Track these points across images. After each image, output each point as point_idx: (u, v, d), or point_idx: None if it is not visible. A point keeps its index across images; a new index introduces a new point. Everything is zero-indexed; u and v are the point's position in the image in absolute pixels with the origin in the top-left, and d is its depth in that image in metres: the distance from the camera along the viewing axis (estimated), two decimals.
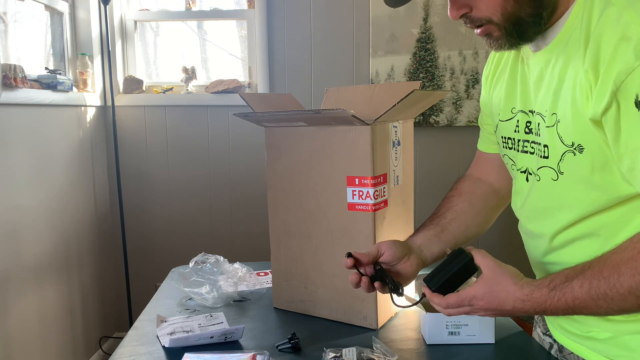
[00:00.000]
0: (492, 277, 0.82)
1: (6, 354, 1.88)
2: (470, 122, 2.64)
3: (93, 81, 2.59)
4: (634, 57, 0.68)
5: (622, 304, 0.73)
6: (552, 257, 0.91)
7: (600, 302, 0.73)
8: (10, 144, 1.94)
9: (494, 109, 1.01)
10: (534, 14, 0.79)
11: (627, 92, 0.69)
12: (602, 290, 0.73)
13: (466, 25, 0.85)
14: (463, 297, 0.83)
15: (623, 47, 0.69)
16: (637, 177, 0.72)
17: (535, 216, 0.93)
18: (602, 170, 0.78)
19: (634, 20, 0.69)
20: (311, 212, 1.16)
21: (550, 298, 0.77)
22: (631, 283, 0.71)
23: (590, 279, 0.74)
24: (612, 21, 0.72)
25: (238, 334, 1.06)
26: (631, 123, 0.70)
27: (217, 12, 2.76)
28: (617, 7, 0.72)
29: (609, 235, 0.81)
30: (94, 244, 2.58)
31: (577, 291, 0.74)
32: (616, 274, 0.72)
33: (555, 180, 0.84)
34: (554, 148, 0.82)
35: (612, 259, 0.74)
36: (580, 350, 0.92)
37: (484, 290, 0.82)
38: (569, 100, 0.78)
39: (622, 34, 0.70)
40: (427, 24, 2.58)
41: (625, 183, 0.76)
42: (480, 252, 0.85)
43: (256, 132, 2.64)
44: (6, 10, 2.08)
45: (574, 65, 0.77)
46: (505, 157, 1.00)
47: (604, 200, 0.80)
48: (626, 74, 0.69)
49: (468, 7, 0.81)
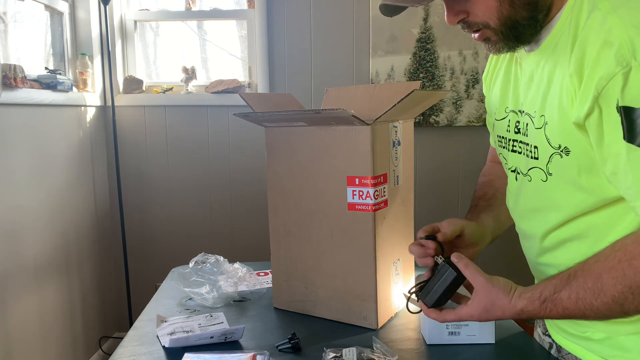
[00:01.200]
0: (485, 298, 0.83)
1: (6, 354, 1.88)
2: (470, 122, 2.64)
3: (93, 81, 2.59)
4: (615, 62, 0.68)
5: (608, 313, 0.74)
6: (545, 259, 0.92)
7: (587, 312, 0.75)
8: (10, 144, 1.94)
9: (492, 108, 1.03)
10: (529, 17, 0.79)
11: (608, 97, 0.70)
12: (588, 301, 0.74)
13: (464, 30, 0.86)
14: (460, 315, 0.86)
15: (605, 52, 0.69)
16: (620, 181, 0.73)
17: (526, 216, 0.94)
18: (588, 173, 0.78)
19: (616, 25, 0.70)
20: (311, 212, 1.15)
21: (543, 309, 0.79)
22: (614, 292, 0.72)
23: (576, 290, 0.75)
24: (596, 26, 0.72)
25: (238, 334, 1.06)
26: (613, 128, 0.70)
27: (217, 12, 2.76)
28: (602, 12, 0.72)
29: (598, 237, 0.82)
30: (94, 244, 2.58)
31: (565, 302, 0.77)
32: (599, 284, 0.73)
33: (544, 181, 0.85)
34: (543, 149, 0.83)
35: (594, 267, 0.75)
36: (577, 350, 0.93)
37: (479, 311, 0.84)
38: (556, 103, 0.78)
39: (605, 39, 0.70)
40: (427, 24, 2.58)
41: (611, 185, 0.77)
42: (469, 267, 0.86)
43: (256, 132, 2.64)
44: (6, 10, 2.08)
45: (561, 68, 0.78)
46: (500, 155, 1.02)
47: (591, 202, 0.81)
48: (607, 80, 0.69)
49: (465, 13, 0.82)
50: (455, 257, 0.87)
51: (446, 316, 0.88)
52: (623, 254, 0.72)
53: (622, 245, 0.73)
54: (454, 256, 0.87)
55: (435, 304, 0.90)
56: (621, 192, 0.75)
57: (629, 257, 0.71)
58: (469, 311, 0.85)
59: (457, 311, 0.86)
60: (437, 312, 0.89)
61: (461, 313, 0.86)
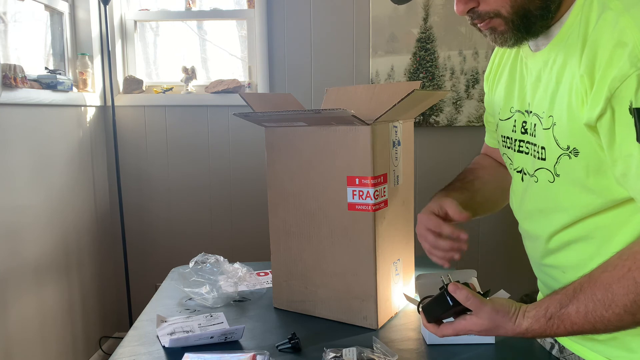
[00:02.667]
0: (489, 323, 0.80)
1: (6, 354, 1.88)
2: (470, 122, 2.64)
3: (93, 81, 2.59)
4: (629, 63, 0.67)
5: (619, 324, 0.73)
6: (550, 260, 0.91)
7: (597, 325, 0.74)
8: (10, 144, 1.94)
9: (495, 108, 1.02)
10: (542, 6, 0.78)
11: (621, 98, 0.69)
12: (598, 313, 0.73)
13: (472, 21, 0.83)
14: (458, 329, 0.84)
15: (618, 53, 0.69)
16: (630, 182, 0.73)
17: (531, 217, 0.93)
18: (596, 174, 0.78)
19: (629, 25, 0.69)
20: (311, 212, 1.15)
21: (549, 327, 0.77)
22: (626, 302, 0.71)
23: (585, 302, 0.74)
24: (608, 26, 0.71)
25: (238, 334, 1.06)
26: (625, 129, 0.70)
27: (217, 12, 2.76)
28: (614, 12, 0.71)
29: (604, 238, 0.81)
30: (94, 243, 2.58)
31: (574, 317, 0.75)
32: (610, 294, 0.72)
33: (551, 182, 0.85)
34: (551, 150, 0.83)
35: (602, 278, 0.74)
36: (581, 350, 0.92)
37: (479, 329, 0.82)
38: (565, 104, 0.78)
39: (618, 40, 0.69)
40: (427, 24, 2.58)
41: (620, 187, 0.76)
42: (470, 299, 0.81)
43: (256, 132, 2.64)
44: (6, 10, 2.08)
45: (570, 69, 0.77)
46: (504, 156, 1.01)
47: (598, 204, 0.80)
48: (620, 81, 0.68)
49: (475, 2, 0.80)
50: (452, 288, 0.82)
51: (444, 331, 0.86)
52: (633, 262, 0.71)
53: (631, 254, 0.72)
54: (451, 287, 0.83)
55: (434, 321, 0.88)
56: (631, 193, 0.74)
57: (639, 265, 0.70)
58: (467, 326, 0.82)
59: (454, 326, 0.84)
60: (435, 327, 0.87)
61: (459, 328, 0.83)
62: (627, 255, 0.72)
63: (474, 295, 0.81)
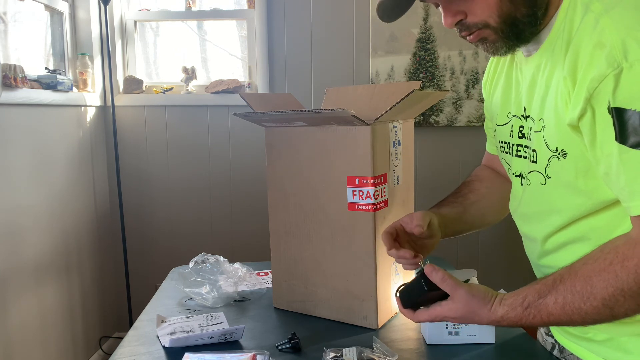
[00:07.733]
0: (464, 307, 0.81)
1: (6, 354, 1.88)
2: (470, 122, 2.64)
3: (93, 81, 2.59)
4: (606, 64, 0.68)
5: (596, 317, 0.73)
6: (547, 261, 0.92)
7: (574, 317, 0.74)
8: (10, 144, 1.94)
9: (493, 114, 1.03)
10: (528, 13, 0.79)
11: (600, 99, 0.70)
12: (576, 305, 0.73)
13: (461, 33, 0.84)
14: (434, 315, 0.85)
15: (597, 54, 0.70)
16: (613, 181, 0.73)
17: (527, 219, 0.94)
18: (585, 175, 0.78)
19: (608, 27, 0.70)
20: (311, 212, 1.15)
21: (525, 316, 0.77)
22: (605, 295, 0.71)
23: (563, 294, 0.74)
24: (589, 28, 0.72)
25: (238, 334, 1.06)
26: (605, 129, 0.71)
27: (217, 12, 2.76)
28: (595, 14, 0.72)
29: (600, 239, 0.81)
30: (94, 244, 2.58)
31: (551, 307, 0.75)
32: (589, 286, 0.72)
33: (543, 184, 0.85)
34: (541, 153, 0.83)
35: (583, 270, 0.74)
36: (579, 351, 0.92)
37: (454, 315, 0.83)
38: (552, 107, 0.79)
39: (598, 41, 0.70)
40: (427, 24, 2.58)
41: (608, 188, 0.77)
42: (446, 281, 0.82)
43: (256, 132, 2.64)
44: (6, 10, 2.08)
45: (557, 72, 0.78)
46: (503, 161, 1.02)
47: (589, 205, 0.80)
48: (599, 81, 0.69)
49: (463, 14, 0.82)
50: (428, 269, 0.83)
51: (419, 316, 0.86)
52: (615, 256, 0.71)
53: (613, 247, 0.73)
54: (427, 268, 0.84)
55: (410, 306, 0.89)
56: (615, 192, 0.75)
57: (622, 259, 0.71)
58: (443, 312, 0.83)
59: (430, 311, 0.85)
60: (411, 312, 0.88)
61: (434, 314, 0.84)
62: (609, 249, 0.73)
63: (450, 277, 0.82)
